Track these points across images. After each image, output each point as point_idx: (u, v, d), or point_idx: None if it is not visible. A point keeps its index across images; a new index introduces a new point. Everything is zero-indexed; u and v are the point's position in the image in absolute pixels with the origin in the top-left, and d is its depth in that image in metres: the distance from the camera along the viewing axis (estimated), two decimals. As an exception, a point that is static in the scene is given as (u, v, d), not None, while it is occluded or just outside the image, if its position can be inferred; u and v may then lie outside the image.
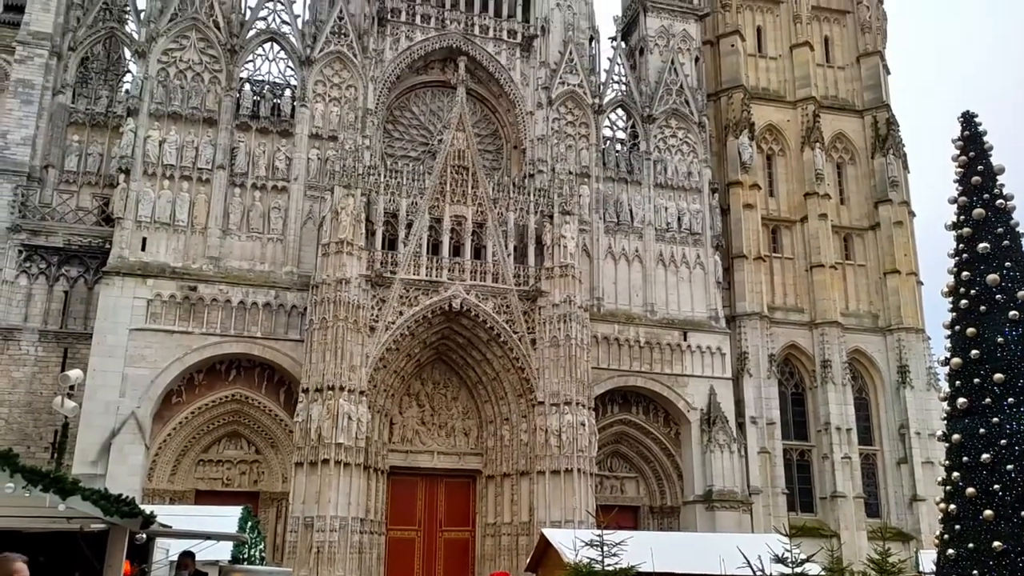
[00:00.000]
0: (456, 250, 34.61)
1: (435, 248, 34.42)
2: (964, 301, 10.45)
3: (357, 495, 30.58)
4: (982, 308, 10.27)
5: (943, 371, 11.00)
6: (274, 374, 34.12)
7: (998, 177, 10.64)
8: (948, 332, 10.85)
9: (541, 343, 33.90)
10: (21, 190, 33.56)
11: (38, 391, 32.07)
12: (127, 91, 36.28)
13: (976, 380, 10.00)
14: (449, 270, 33.96)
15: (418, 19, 39.26)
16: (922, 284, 44.15)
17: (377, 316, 32.76)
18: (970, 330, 10.24)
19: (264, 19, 37.59)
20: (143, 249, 33.17)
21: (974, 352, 10.09)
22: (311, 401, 30.70)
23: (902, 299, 43.19)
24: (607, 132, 41.73)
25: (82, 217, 34.49)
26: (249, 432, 34.20)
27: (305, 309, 33.17)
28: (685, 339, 38.72)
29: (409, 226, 34.17)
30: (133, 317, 32.06)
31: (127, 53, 38.44)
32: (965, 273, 10.52)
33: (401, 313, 33.09)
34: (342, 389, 30.64)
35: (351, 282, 31.93)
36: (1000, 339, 10.00)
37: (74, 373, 18.73)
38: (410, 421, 35.05)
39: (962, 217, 10.76)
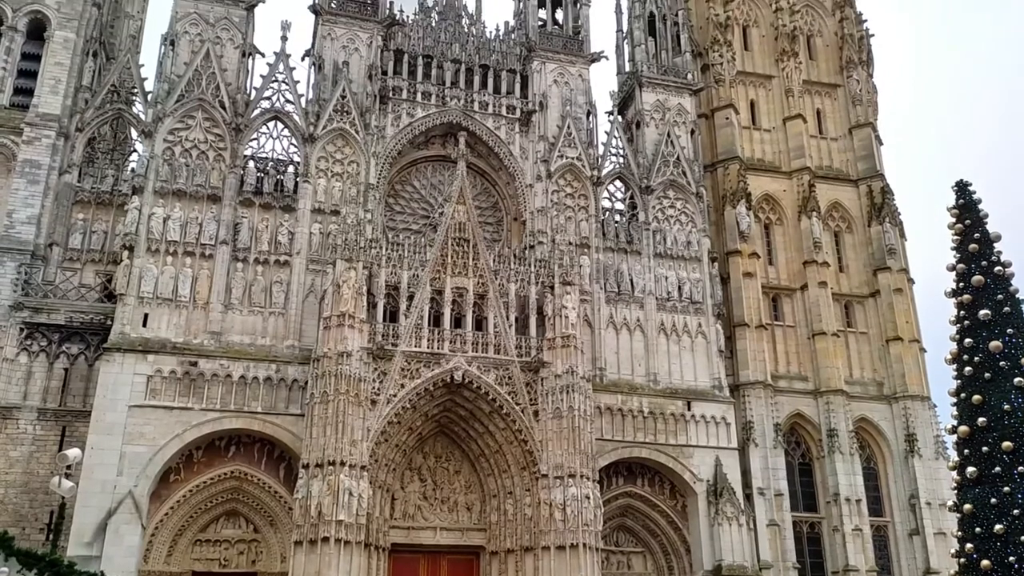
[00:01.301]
0: (458, 322, 34.62)
1: (436, 320, 34.43)
2: (968, 368, 10.43)
3: (358, 575, 29.84)
4: (987, 375, 10.24)
5: (951, 439, 10.90)
6: (274, 449, 33.71)
7: (995, 244, 10.76)
8: (954, 399, 10.79)
9: (544, 414, 33.60)
10: (25, 268, 33.78)
11: (35, 470, 31.63)
12: (133, 170, 36.90)
13: (985, 448, 9.89)
14: (451, 342, 33.90)
15: (419, 96, 40.19)
16: (925, 351, 44.01)
17: (378, 389, 32.55)
18: (976, 397, 10.18)
19: (268, 98, 38.43)
20: (144, 325, 33.18)
21: (981, 420, 10.01)
22: (311, 477, 30.25)
23: (906, 366, 42.96)
24: (606, 203, 42.22)
25: (84, 294, 34.62)
26: (248, 510, 33.59)
27: (306, 383, 32.98)
28: (689, 409, 38.38)
29: (411, 298, 34.27)
30: (133, 393, 31.87)
31: (134, 133, 39.17)
32: (968, 340, 10.54)
33: (403, 386, 32.90)
34: (343, 464, 30.22)
35: (352, 355, 31.83)
36: (1007, 406, 9.94)
37: (72, 452, 18.55)
38: (412, 496, 34.47)
39: (961, 284, 10.83)
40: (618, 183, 42.90)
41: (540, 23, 44.42)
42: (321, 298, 34.68)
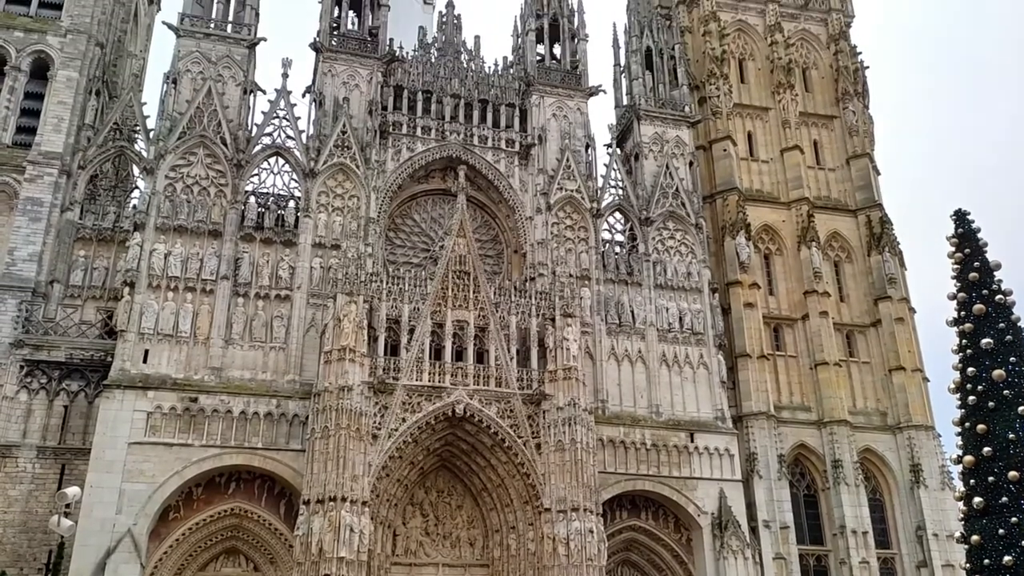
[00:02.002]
0: (459, 355, 34.53)
1: (437, 353, 34.36)
2: (972, 397, 10.38)
3: (359, 612, 29.43)
4: (991, 404, 10.19)
5: (956, 469, 10.80)
6: (274, 486, 33.44)
7: (995, 273, 10.77)
8: (958, 429, 10.72)
9: (546, 447, 33.38)
10: (26, 305, 33.79)
11: (34, 509, 31.35)
12: (134, 206, 37.06)
13: (991, 478, 9.81)
14: (452, 375, 33.79)
15: (419, 131, 40.51)
16: (928, 380, 43.81)
17: (380, 423, 32.38)
18: (980, 427, 10.12)
19: (270, 134, 38.72)
20: (145, 361, 33.11)
21: (986, 450, 9.95)
22: (312, 513, 29.97)
23: (909, 396, 42.75)
24: (606, 235, 42.33)
25: (85, 331, 34.58)
26: (248, 548, 33.24)
27: (307, 418, 32.81)
28: (692, 440, 38.13)
29: (411, 332, 34.23)
30: (132, 430, 31.70)
31: (136, 170, 39.40)
32: (970, 369, 10.50)
33: (404, 420, 32.73)
34: (344, 500, 29.94)
35: (353, 389, 31.71)
36: (1012, 435, 9.88)
37: (72, 491, 18.41)
38: (414, 532, 34.14)
39: (963, 313, 10.82)
40: (618, 215, 43.06)
41: (538, 58, 44.90)
42: (322, 332, 34.63)
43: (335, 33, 41.52)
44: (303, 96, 39.94)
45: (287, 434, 33.37)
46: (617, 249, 42.29)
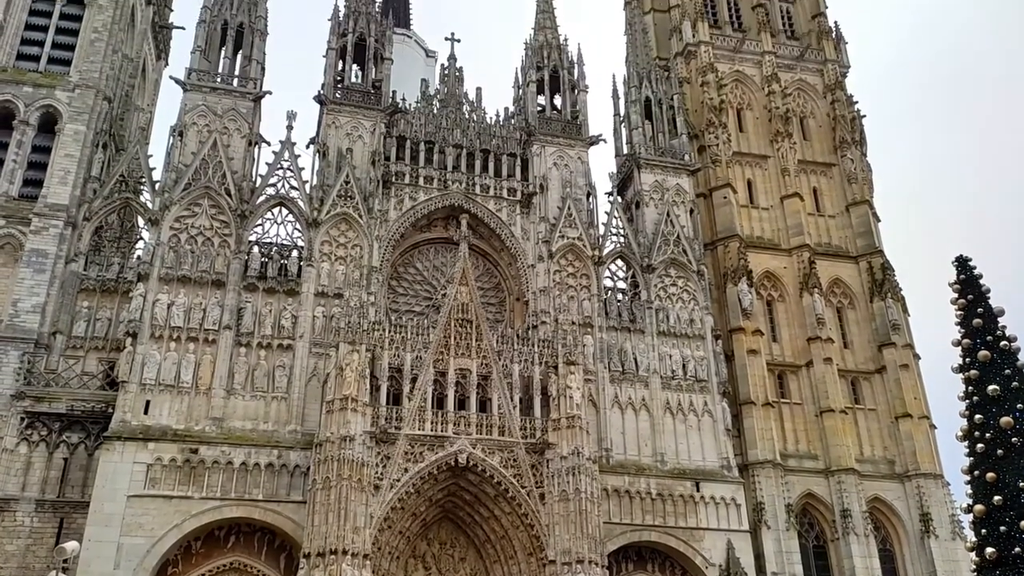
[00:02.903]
0: (461, 403, 34.35)
1: (440, 402, 34.18)
2: (980, 445, 10.27)
3: (360, 670, 28.76)
4: (999, 452, 10.08)
5: (967, 519, 10.64)
6: (275, 539, 32.98)
7: (999, 319, 10.75)
8: (967, 477, 10.59)
9: (550, 497, 32.97)
10: (28, 357, 33.74)
11: (31, 564, 30.86)
12: (139, 257, 37.19)
13: (1003, 528, 9.65)
14: (455, 424, 33.55)
15: (421, 180, 40.92)
16: (935, 427, 43.41)
17: (382, 474, 32.05)
18: (989, 475, 10.00)
19: (274, 185, 39.13)
20: (146, 412, 32.95)
21: (997, 498, 9.80)
22: (312, 567, 29.48)
23: (917, 444, 42.31)
24: (608, 282, 42.41)
25: (87, 382, 34.45)
26: (247, 603, 32.64)
27: (308, 469, 32.49)
28: (698, 490, 37.64)
29: (414, 380, 34.08)
30: (132, 483, 31.39)
31: (140, 221, 39.71)
32: (978, 416, 10.41)
33: (406, 470, 32.40)
34: (345, 553, 29.48)
35: (355, 439, 31.45)
36: (1022, 484, 9.74)
37: (70, 546, 18.16)
38: (416, 586, 33.54)
39: (968, 359, 10.77)
40: (619, 262, 43.19)
41: (539, 108, 45.52)
42: (324, 382, 34.50)
43: (339, 86, 42.19)
44: (307, 147, 40.54)
45: (288, 485, 33.02)
46: (619, 296, 42.31)
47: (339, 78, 42.57)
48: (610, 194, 45.21)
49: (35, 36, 40.68)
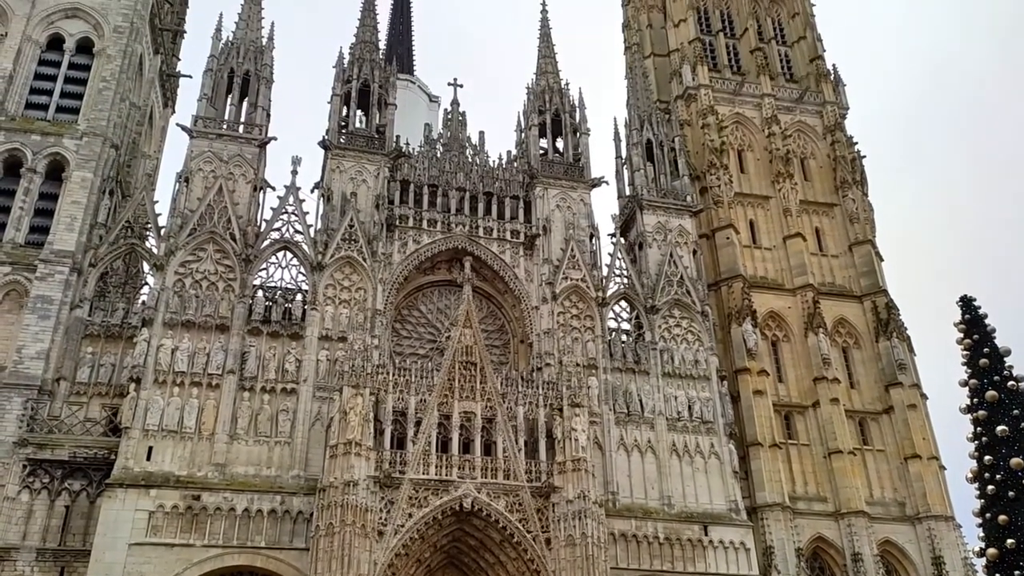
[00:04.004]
0: (466, 446, 34.08)
1: (444, 446, 33.92)
2: (991, 487, 10.14)
3: None
4: (1011, 494, 9.94)
5: (980, 562, 10.46)
6: (277, 587, 32.48)
7: (1006, 359, 10.68)
8: (979, 520, 10.43)
9: (556, 542, 32.50)
10: (31, 404, 33.58)
11: (31, 615, 30.40)
12: (143, 303, 37.21)
13: (1016, 572, 9.48)
14: (459, 468, 33.25)
15: (425, 223, 41.13)
16: (945, 468, 42.91)
17: (386, 519, 31.67)
18: (1002, 517, 9.85)
19: (278, 229, 39.35)
20: (148, 458, 32.73)
21: (1010, 542, 9.65)
22: (316, 616, 29.00)
23: (927, 485, 41.81)
24: (612, 323, 42.37)
25: (89, 428, 34.22)
26: (249, 653, 32.05)
27: (311, 515, 32.13)
28: (706, 533, 37.10)
29: (418, 424, 33.87)
30: (133, 531, 31.05)
31: (146, 267, 39.81)
32: (987, 457, 10.30)
33: (411, 515, 32.02)
34: (349, 601, 29.02)
35: (359, 484, 31.16)
36: (1035, 527, 9.59)
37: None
38: (421, 635, 32.93)
39: (975, 400, 10.68)
40: (623, 303, 43.17)
41: (542, 151, 45.93)
42: (328, 426, 34.27)
43: (344, 131, 42.68)
44: (312, 191, 40.86)
45: (291, 532, 32.65)
46: (624, 338, 42.20)
47: (343, 123, 43.07)
48: (613, 235, 45.39)
49: (44, 86, 41.23)
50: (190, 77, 51.57)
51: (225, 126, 40.75)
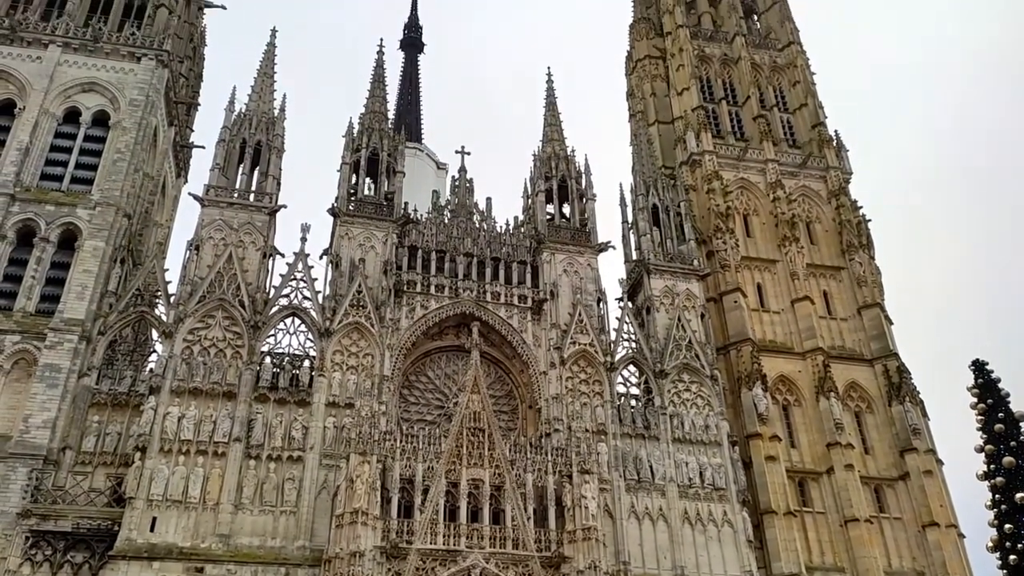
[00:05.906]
0: (474, 515, 33.49)
1: (452, 514, 33.34)
2: (1012, 556, 9.87)
3: None
4: (1034, 564, 9.66)
5: (1006, 637, 10.11)
6: (281, 663, 31.61)
7: (1021, 424, 10.52)
8: (1003, 592, 10.13)
9: (567, 616, 31.63)
10: (36, 473, 33.27)
11: None
12: (151, 370, 37.19)
13: (1044, 647, 9.15)
14: (467, 537, 32.62)
15: (432, 289, 41.28)
16: (964, 536, 41.84)
17: (392, 592, 30.94)
18: (1026, 589, 9.54)
19: (287, 295, 39.54)
20: (152, 529, 32.25)
21: (1035, 614, 9.33)
22: None
23: (946, 555, 40.72)
24: (621, 388, 42.01)
25: (94, 499, 33.80)
26: None
27: (316, 587, 31.45)
28: (722, 606, 36.08)
29: (425, 492, 33.37)
30: (136, 604, 30.40)
31: (155, 334, 39.93)
32: (1007, 526, 10.05)
33: (418, 588, 31.29)
34: None
35: (365, 555, 30.57)
36: (1061, 599, 9.29)
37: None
38: None
39: (992, 466, 10.49)
40: (632, 368, 42.93)
41: (548, 217, 46.31)
42: (334, 495, 33.81)
43: (352, 198, 43.22)
44: (320, 258, 41.21)
45: (296, 605, 31.89)
46: (633, 402, 41.83)
47: (352, 191, 43.64)
48: (621, 300, 45.40)
49: (59, 157, 41.99)
50: (203, 147, 52.63)
51: (236, 195, 41.35)
